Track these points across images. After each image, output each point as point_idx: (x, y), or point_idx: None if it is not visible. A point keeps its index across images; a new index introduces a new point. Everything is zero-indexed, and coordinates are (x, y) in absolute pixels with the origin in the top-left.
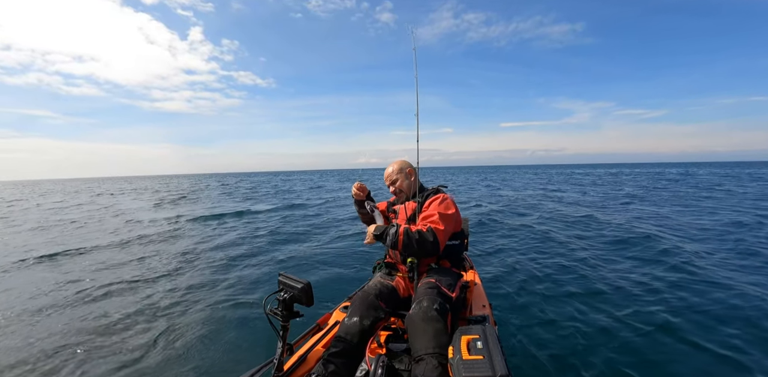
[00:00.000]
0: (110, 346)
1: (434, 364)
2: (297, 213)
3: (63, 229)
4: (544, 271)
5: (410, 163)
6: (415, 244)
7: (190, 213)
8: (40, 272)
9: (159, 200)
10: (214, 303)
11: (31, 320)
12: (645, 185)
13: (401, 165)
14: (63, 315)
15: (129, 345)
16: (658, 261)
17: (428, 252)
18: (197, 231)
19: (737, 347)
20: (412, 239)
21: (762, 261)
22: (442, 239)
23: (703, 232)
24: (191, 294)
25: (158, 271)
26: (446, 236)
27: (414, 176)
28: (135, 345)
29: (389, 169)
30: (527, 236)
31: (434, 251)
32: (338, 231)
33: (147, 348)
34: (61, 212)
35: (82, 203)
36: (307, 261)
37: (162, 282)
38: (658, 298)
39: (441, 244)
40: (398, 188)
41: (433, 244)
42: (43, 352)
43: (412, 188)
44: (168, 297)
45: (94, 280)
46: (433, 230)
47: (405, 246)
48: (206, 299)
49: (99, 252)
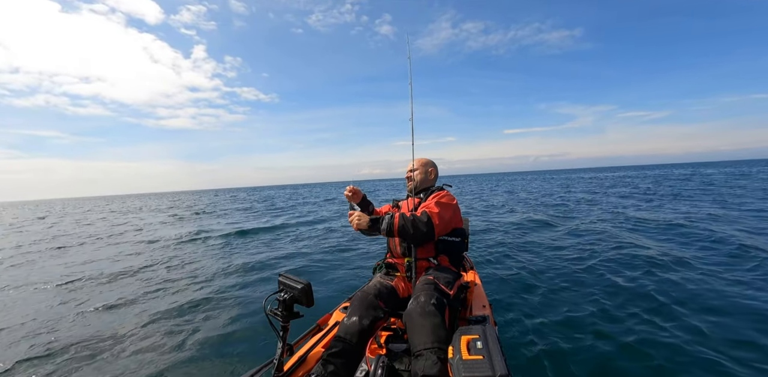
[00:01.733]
0: (110, 347)
1: (433, 360)
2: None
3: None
4: (544, 271)
5: (436, 165)
6: (410, 226)
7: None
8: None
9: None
10: (215, 303)
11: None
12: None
13: (428, 162)
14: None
15: (129, 345)
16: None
17: (423, 234)
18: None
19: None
20: (407, 222)
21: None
22: (437, 222)
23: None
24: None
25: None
26: (442, 220)
27: (433, 175)
28: (135, 344)
29: (417, 160)
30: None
31: (429, 234)
32: (340, 233)
33: (147, 347)
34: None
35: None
36: (307, 261)
37: (194, 288)
38: (664, 299)
39: (436, 227)
40: (413, 176)
41: (427, 225)
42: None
43: (423, 183)
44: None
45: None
46: (427, 213)
47: (401, 230)
48: (211, 299)
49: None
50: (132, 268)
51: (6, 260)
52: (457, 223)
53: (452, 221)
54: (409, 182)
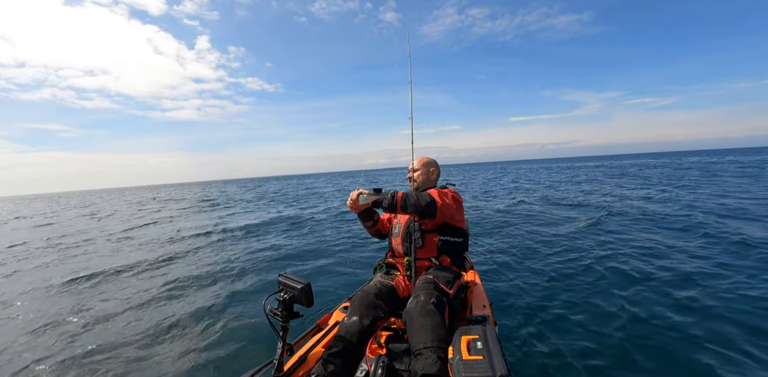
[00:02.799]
0: (109, 346)
1: (433, 359)
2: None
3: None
4: (545, 271)
5: (438, 165)
6: (414, 196)
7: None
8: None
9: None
10: (216, 302)
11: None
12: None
13: (429, 161)
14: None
15: (129, 345)
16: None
17: (427, 204)
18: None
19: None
20: (410, 197)
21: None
22: (438, 200)
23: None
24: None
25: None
26: (443, 201)
27: (435, 175)
28: (135, 344)
29: (418, 159)
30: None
31: (431, 206)
32: (341, 232)
33: (147, 347)
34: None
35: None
36: (307, 261)
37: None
38: (669, 298)
39: (438, 204)
40: (415, 177)
41: (431, 203)
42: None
43: (425, 183)
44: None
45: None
46: (429, 193)
47: (404, 204)
48: (212, 298)
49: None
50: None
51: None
52: (460, 221)
53: (456, 213)
54: (411, 183)
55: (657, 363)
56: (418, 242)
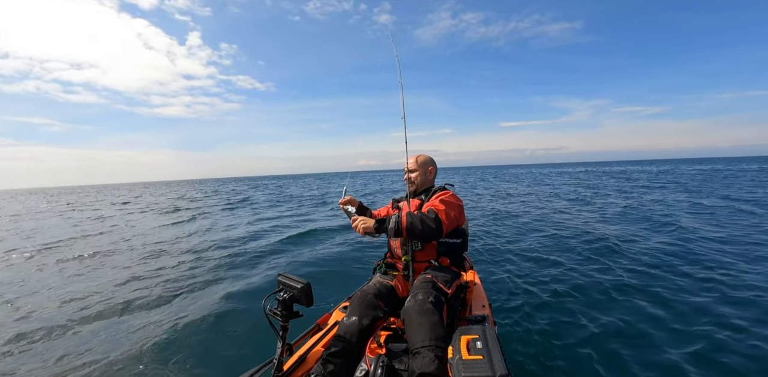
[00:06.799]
0: (109, 344)
1: (431, 357)
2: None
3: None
4: (545, 271)
5: (435, 163)
6: (418, 222)
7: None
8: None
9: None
10: (215, 302)
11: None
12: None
13: (426, 160)
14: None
15: (129, 344)
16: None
17: (432, 231)
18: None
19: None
20: (414, 219)
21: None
22: (444, 219)
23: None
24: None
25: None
26: (449, 218)
27: (432, 175)
28: (134, 344)
29: (414, 159)
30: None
31: (438, 231)
32: (341, 232)
33: (147, 347)
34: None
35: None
36: (307, 262)
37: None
38: (667, 300)
39: (444, 225)
40: (413, 178)
41: (435, 222)
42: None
43: (423, 184)
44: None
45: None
46: (434, 210)
47: (409, 228)
48: (211, 297)
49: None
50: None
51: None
52: (459, 218)
53: (457, 221)
54: (409, 184)
55: (657, 363)
56: (417, 245)
